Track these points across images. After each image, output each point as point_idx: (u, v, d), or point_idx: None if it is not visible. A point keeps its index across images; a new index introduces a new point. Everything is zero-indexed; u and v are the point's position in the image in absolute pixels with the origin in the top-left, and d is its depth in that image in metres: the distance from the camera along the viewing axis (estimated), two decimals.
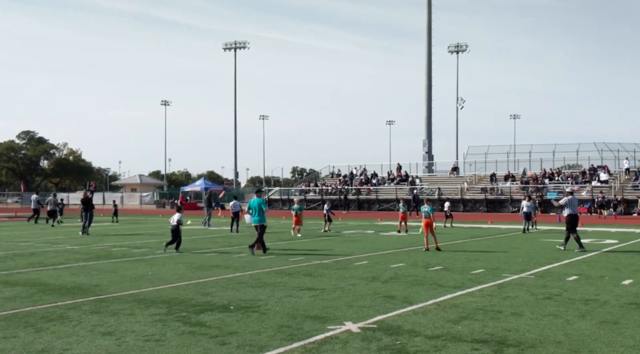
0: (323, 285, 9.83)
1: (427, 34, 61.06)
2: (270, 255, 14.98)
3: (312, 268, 12.08)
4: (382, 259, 13.97)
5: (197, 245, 18.38)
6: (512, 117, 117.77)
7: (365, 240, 20.06)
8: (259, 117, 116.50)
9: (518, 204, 45.63)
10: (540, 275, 11.38)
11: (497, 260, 13.91)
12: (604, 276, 11.24)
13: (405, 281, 10.43)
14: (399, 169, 55.49)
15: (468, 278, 10.91)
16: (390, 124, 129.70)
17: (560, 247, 16.73)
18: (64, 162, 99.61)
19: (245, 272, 11.72)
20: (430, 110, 61.11)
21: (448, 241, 19.38)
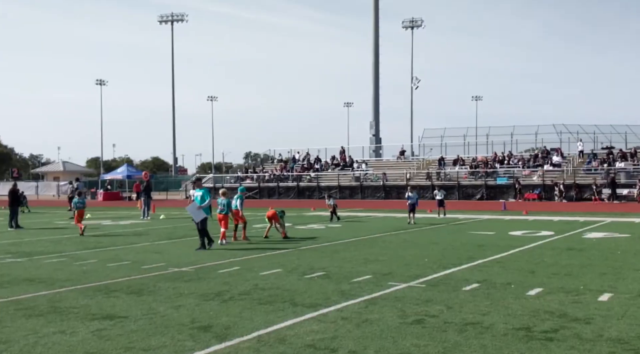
0: (133, 309, 7.83)
1: (374, 6, 59.35)
2: (120, 262, 12.96)
3: (152, 280, 10.11)
4: (260, 263, 12.12)
5: (59, 246, 16.17)
6: (474, 98, 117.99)
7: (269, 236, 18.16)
8: (207, 98, 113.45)
9: (466, 190, 44.84)
10: (434, 283, 9.73)
11: (397, 261, 12.27)
12: (510, 283, 9.67)
13: (255, 297, 8.58)
14: (341, 153, 53.88)
15: (342, 289, 9.17)
16: (349, 106, 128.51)
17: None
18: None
19: (63, 288, 9.67)
20: (378, 89, 59.63)
21: (364, 235, 17.73)
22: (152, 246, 15.75)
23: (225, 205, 15.78)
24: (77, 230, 19.33)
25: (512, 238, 16.80)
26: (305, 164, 53.78)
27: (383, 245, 15.37)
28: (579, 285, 9.48)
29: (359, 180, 48.73)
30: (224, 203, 15.82)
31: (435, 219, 24.90)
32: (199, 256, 13.36)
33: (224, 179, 55.76)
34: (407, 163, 52.16)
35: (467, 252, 13.76)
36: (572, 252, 13.64)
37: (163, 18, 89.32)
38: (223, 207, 15.80)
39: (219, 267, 11.61)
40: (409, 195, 23.29)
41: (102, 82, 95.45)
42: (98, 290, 9.15)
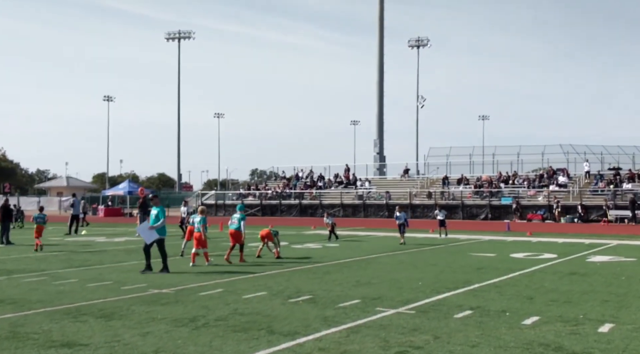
0: (97, 335, 7.28)
1: (379, 25, 59.25)
2: (101, 282, 12.48)
3: (127, 303, 9.60)
4: (245, 285, 11.61)
5: (43, 264, 15.70)
6: (481, 117, 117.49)
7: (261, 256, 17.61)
8: (214, 115, 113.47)
9: (470, 210, 44.18)
10: (425, 309, 9.19)
11: (390, 284, 11.73)
12: (506, 311, 9.12)
13: (231, 324, 8.07)
14: (346, 171, 53.41)
15: (325, 315, 8.64)
16: (355, 124, 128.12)
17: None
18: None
19: (31, 310, 9.19)
20: (382, 108, 59.32)
21: (360, 256, 17.18)
22: (139, 265, 15.20)
23: (199, 223, 14.98)
24: (67, 246, 18.87)
25: (513, 261, 16.22)
26: (309, 182, 53.31)
27: (378, 267, 14.83)
28: (578, 314, 8.93)
29: (362, 199, 48.19)
30: (197, 221, 15.05)
31: (436, 239, 24.32)
32: (183, 276, 12.86)
33: (226, 196, 55.29)
34: (410, 181, 51.60)
35: (465, 275, 13.20)
36: (574, 277, 13.06)
37: (170, 35, 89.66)
38: (198, 225, 15.03)
39: (201, 289, 11.11)
40: (397, 215, 22.42)
41: (110, 98, 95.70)
42: (67, 313, 8.66)
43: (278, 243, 16.92)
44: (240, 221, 15.66)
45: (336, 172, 54.14)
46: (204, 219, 15.12)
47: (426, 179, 51.44)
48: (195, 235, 14.95)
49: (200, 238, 14.83)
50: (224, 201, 53.37)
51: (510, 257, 17.29)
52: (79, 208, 29.92)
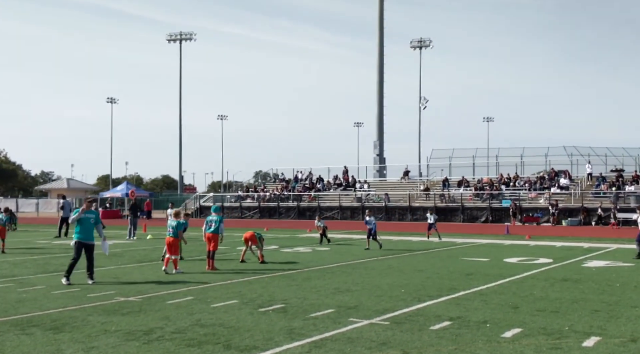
0: (37, 351, 6.79)
1: (379, 26, 58.75)
2: (68, 289, 11.98)
3: (85, 313, 9.07)
4: (218, 292, 11.08)
5: (16, 269, 15.21)
6: (485, 119, 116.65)
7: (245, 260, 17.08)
8: (217, 116, 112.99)
9: (471, 213, 43.56)
10: (400, 320, 8.64)
11: (371, 291, 11.19)
12: (487, 322, 8.57)
13: (187, 337, 7.52)
14: (345, 173, 52.86)
15: (292, 327, 8.10)
16: (359, 126, 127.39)
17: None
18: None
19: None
20: (382, 109, 58.75)
21: (348, 261, 16.63)
22: (116, 270, 14.77)
23: (174, 228, 14.07)
24: (51, 250, 18.43)
25: (506, 266, 15.65)
26: (308, 184, 52.78)
27: (364, 272, 14.28)
28: (564, 325, 8.36)
29: (361, 201, 47.63)
30: (173, 226, 14.09)
31: (430, 243, 23.75)
32: (156, 283, 12.33)
33: (225, 198, 54.80)
34: (411, 184, 51.02)
35: (452, 282, 12.65)
36: (566, 284, 12.48)
37: (172, 37, 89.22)
38: (172, 230, 14.06)
39: (171, 296, 10.59)
40: (366, 219, 21.54)
41: (113, 100, 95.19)
42: (16, 325, 8.14)
43: (261, 247, 16.38)
44: (219, 223, 15.04)
45: (335, 174, 53.63)
46: (183, 223, 14.36)
47: (426, 181, 50.86)
48: (168, 239, 14.04)
49: (171, 244, 13.92)
50: (223, 203, 52.85)
51: (503, 262, 16.72)
52: (68, 211, 29.46)
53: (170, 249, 13.93)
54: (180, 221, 14.29)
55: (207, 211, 52.21)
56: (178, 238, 14.07)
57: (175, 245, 13.96)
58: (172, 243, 13.95)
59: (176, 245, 14.00)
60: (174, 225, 14.12)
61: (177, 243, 14.03)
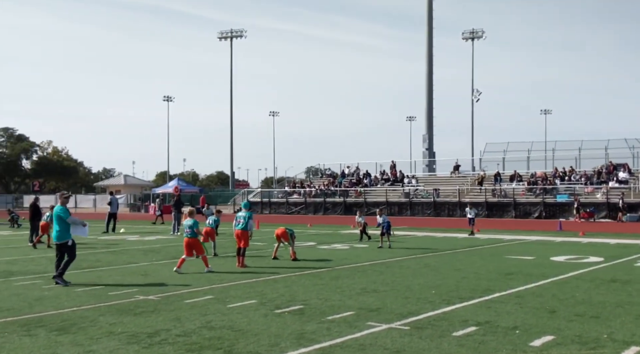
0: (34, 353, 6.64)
1: (428, 18, 57.49)
2: (92, 286, 11.88)
3: (97, 313, 8.88)
4: (238, 292, 10.74)
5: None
6: (543, 112, 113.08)
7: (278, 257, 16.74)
8: (269, 113, 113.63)
9: (524, 208, 42.05)
10: (423, 325, 8.07)
11: (399, 292, 10.62)
12: (517, 328, 7.91)
13: (190, 341, 7.19)
14: (392, 168, 52.00)
15: (303, 331, 7.66)
16: (411, 120, 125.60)
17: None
18: (45, 162, 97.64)
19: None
20: (431, 102, 57.51)
21: (383, 259, 16.07)
22: (149, 266, 14.66)
23: (191, 227, 13.53)
24: (94, 245, 18.64)
25: (551, 265, 14.76)
26: (354, 179, 52.20)
27: (397, 271, 13.70)
28: (602, 333, 7.63)
29: (409, 196, 46.74)
30: (189, 225, 13.61)
31: (476, 240, 22.87)
32: (180, 280, 12.12)
33: (272, 194, 54.86)
34: (461, 178, 49.73)
35: (488, 282, 11.94)
36: (613, 285, 11.59)
37: (223, 34, 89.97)
38: (189, 230, 13.50)
39: (190, 295, 10.33)
40: (378, 219, 20.29)
41: (170, 99, 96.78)
42: (24, 325, 8.01)
43: (293, 244, 16.00)
44: (248, 220, 14.70)
45: (383, 169, 52.83)
46: (196, 223, 13.69)
47: (478, 175, 49.44)
48: (186, 240, 13.58)
49: (190, 244, 13.46)
50: (270, 199, 52.93)
51: (549, 261, 15.82)
52: (116, 207, 29.92)
53: (190, 250, 13.43)
54: (195, 220, 13.70)
55: (254, 206, 52.36)
56: (196, 237, 13.60)
57: (196, 245, 13.47)
58: (191, 244, 13.46)
59: (197, 244, 13.50)
60: (190, 224, 13.57)
61: (197, 243, 13.53)
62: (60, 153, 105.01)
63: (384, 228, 19.47)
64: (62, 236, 11.84)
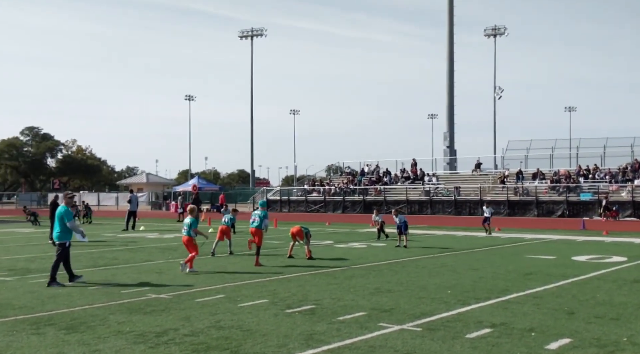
0: (37, 353, 6.60)
1: (449, 14, 56.94)
2: (105, 284, 11.87)
3: (107, 311, 8.84)
4: (250, 291, 10.64)
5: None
6: (567, 109, 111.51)
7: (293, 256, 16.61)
8: (290, 111, 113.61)
9: (546, 207, 41.42)
10: (436, 326, 7.89)
11: (413, 292, 10.44)
12: (533, 330, 7.69)
13: (197, 341, 7.10)
14: (413, 166, 51.62)
15: (313, 332, 7.53)
16: (433, 118, 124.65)
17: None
18: (69, 160, 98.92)
19: (3, 318, 8.60)
20: (452, 99, 56.94)
21: (401, 258, 15.88)
22: (164, 264, 14.66)
23: (189, 226, 13.07)
24: (112, 243, 18.69)
25: (572, 265, 14.44)
26: (374, 177, 51.93)
27: (413, 270, 13.50)
28: (622, 336, 7.38)
29: (429, 195, 46.34)
30: (187, 223, 13.11)
31: (496, 240, 22.51)
32: (193, 279, 12.07)
33: (291, 192, 54.82)
34: (482, 176, 49.17)
35: (506, 282, 11.69)
36: (636, 286, 11.27)
37: (243, 33, 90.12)
38: (187, 228, 13.16)
39: (202, 294, 10.26)
40: (395, 220, 19.71)
41: (191, 98, 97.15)
42: (34, 323, 8.00)
43: (308, 242, 15.88)
44: (263, 219, 14.61)
45: (403, 167, 52.47)
46: (195, 221, 13.29)
47: (500, 173, 48.85)
48: (183, 238, 13.33)
49: (185, 243, 13.19)
50: (289, 197, 52.89)
51: (570, 260, 15.48)
52: (135, 205, 30.06)
53: (188, 247, 13.18)
54: (194, 218, 13.33)
55: (273, 204, 52.43)
56: (193, 236, 13.15)
57: (189, 244, 13.11)
58: (186, 243, 13.19)
59: (190, 243, 13.08)
60: (187, 222, 13.22)
61: (191, 242, 13.09)
62: (84, 151, 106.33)
63: (402, 228, 19.19)
64: (62, 236, 11.52)
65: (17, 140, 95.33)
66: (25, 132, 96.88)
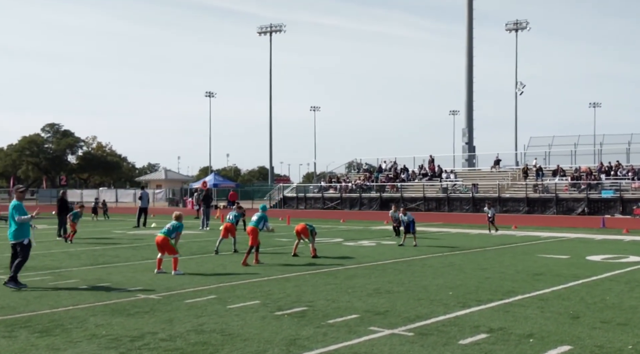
0: None
1: (468, 8, 56.04)
2: (96, 284, 11.61)
3: (89, 313, 8.55)
4: (243, 291, 10.29)
5: (67, 261, 15.21)
6: (592, 105, 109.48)
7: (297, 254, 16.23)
8: (310, 108, 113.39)
9: (566, 204, 40.52)
10: (428, 330, 7.46)
11: (413, 293, 10.00)
12: (532, 336, 7.22)
13: (173, 347, 6.75)
14: (431, 162, 50.93)
15: (297, 336, 7.15)
16: (454, 114, 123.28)
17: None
18: (89, 157, 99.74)
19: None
20: (471, 95, 56.06)
21: (408, 256, 15.43)
22: (165, 262, 14.34)
23: (169, 228, 12.53)
24: (120, 240, 18.52)
25: (585, 265, 13.86)
26: (391, 174, 51.35)
27: (418, 270, 13.04)
28: (627, 343, 6.88)
29: (446, 192, 45.64)
30: (171, 225, 12.58)
31: (511, 237, 21.92)
32: (189, 279, 11.76)
33: (307, 189, 54.47)
34: (501, 173, 48.30)
35: (512, 283, 11.19)
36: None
37: (262, 29, 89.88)
38: (167, 229, 12.60)
39: (194, 294, 9.94)
40: (402, 219, 19.09)
41: (211, 94, 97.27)
42: (10, 325, 7.72)
43: (313, 240, 15.51)
44: (261, 219, 14.28)
45: (421, 164, 51.81)
46: (177, 226, 12.66)
47: (518, 170, 47.95)
48: (157, 238, 12.71)
49: (159, 243, 12.51)
50: (305, 194, 52.56)
51: (584, 260, 14.89)
52: (146, 201, 29.96)
53: (162, 249, 12.50)
54: (179, 223, 12.77)
55: (290, 201, 52.17)
56: (169, 237, 12.49)
57: (166, 245, 12.42)
58: (160, 243, 12.49)
59: (167, 244, 12.41)
60: (169, 225, 12.69)
61: (167, 243, 12.41)
62: (104, 148, 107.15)
63: (411, 227, 18.62)
64: (18, 235, 10.64)
65: (38, 137, 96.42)
66: (46, 128, 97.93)
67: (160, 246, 12.52)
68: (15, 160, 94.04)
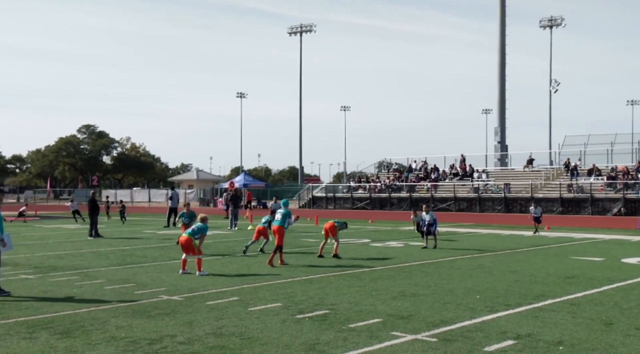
0: None
1: (500, 5, 55.14)
2: (122, 284, 11.60)
3: (111, 314, 8.52)
4: (265, 293, 10.16)
5: (95, 261, 15.32)
6: (629, 102, 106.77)
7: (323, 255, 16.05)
8: (340, 107, 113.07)
9: (602, 204, 39.52)
10: (453, 336, 7.21)
11: (439, 297, 9.74)
12: (562, 343, 6.93)
13: (191, 350, 6.66)
14: (462, 162, 50.24)
15: (317, 341, 6.98)
16: (487, 113, 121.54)
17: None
18: (123, 157, 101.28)
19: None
20: (504, 93, 55.14)
21: (436, 258, 15.13)
22: (190, 263, 14.35)
23: (194, 229, 12.62)
24: (149, 240, 18.60)
25: (620, 268, 13.39)
26: (422, 173, 50.83)
27: (445, 272, 12.75)
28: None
29: (478, 192, 44.95)
30: (196, 226, 12.69)
31: (544, 238, 21.41)
32: (214, 279, 11.69)
33: (337, 189, 54.29)
34: (534, 173, 47.36)
35: (543, 287, 10.84)
36: None
37: (292, 29, 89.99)
38: (192, 230, 12.73)
39: (216, 296, 9.85)
40: (425, 217, 18.53)
41: (243, 95, 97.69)
42: (31, 326, 7.73)
43: (337, 239, 15.34)
44: (285, 217, 14.15)
45: (452, 163, 51.15)
46: (202, 228, 12.67)
47: (552, 170, 46.97)
48: (181, 239, 12.81)
49: (183, 244, 12.49)
50: (334, 194, 52.37)
51: (619, 263, 14.40)
52: (176, 201, 30.11)
53: (186, 249, 12.48)
54: (205, 225, 12.76)
55: (319, 201, 52.04)
56: (193, 238, 12.47)
57: (189, 246, 12.39)
58: (184, 243, 12.48)
59: (190, 245, 12.38)
60: (194, 226, 12.85)
61: (191, 243, 12.38)
62: (138, 149, 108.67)
63: (432, 228, 18.16)
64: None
65: (74, 138, 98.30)
66: (82, 129, 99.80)
67: (185, 247, 12.51)
68: (52, 160, 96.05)
